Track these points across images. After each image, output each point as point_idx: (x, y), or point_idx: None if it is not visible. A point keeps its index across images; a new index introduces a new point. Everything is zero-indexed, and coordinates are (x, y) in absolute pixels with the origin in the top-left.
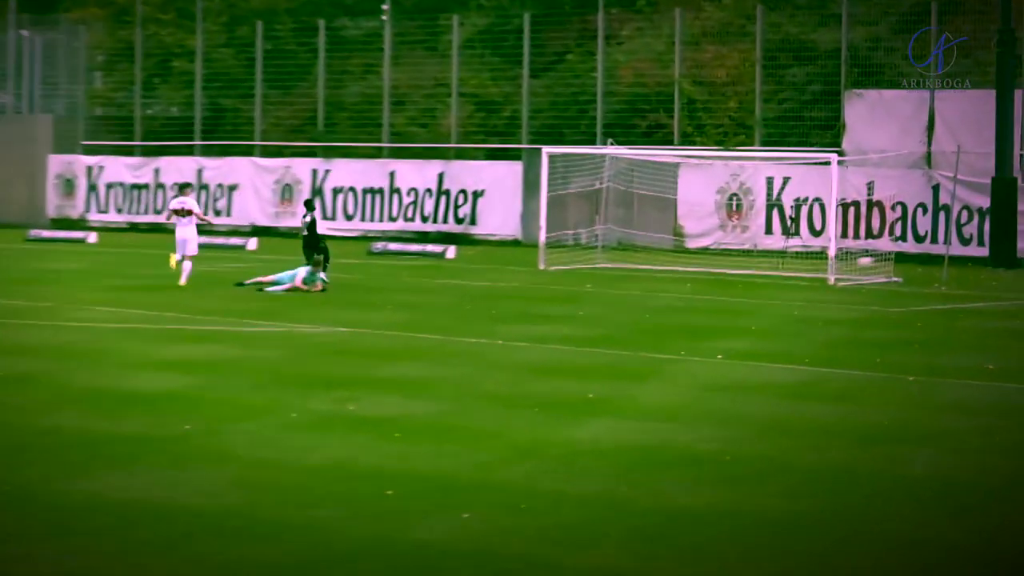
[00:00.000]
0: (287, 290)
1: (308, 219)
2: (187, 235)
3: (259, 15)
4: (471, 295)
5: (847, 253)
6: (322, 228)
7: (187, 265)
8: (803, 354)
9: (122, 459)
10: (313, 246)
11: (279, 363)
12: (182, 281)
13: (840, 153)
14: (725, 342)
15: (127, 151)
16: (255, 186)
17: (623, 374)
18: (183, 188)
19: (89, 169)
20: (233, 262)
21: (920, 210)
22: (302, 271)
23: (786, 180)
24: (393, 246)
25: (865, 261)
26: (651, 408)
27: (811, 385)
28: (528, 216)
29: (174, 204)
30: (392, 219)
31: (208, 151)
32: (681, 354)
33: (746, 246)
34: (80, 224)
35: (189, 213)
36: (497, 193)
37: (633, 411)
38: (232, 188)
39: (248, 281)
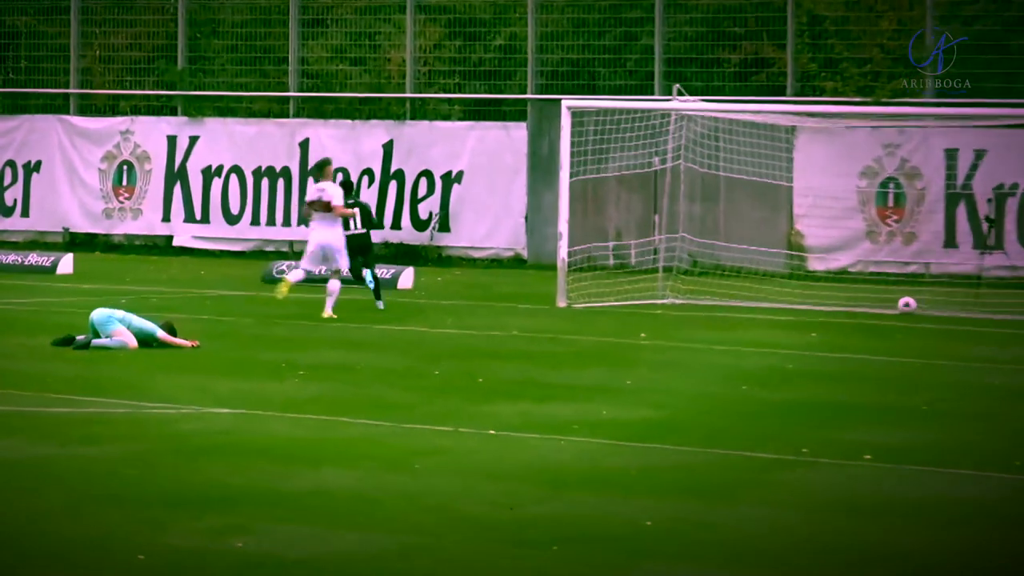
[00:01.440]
0: (123, 346)
1: (356, 209)
2: (329, 239)
3: None
4: (440, 352)
5: None
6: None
7: (334, 285)
8: (1013, 452)
9: None
10: (363, 251)
11: (117, 467)
12: (327, 311)
13: None
14: (876, 432)
15: None
16: (70, 164)
17: (700, 487)
18: (322, 167)
19: None
20: (34, 295)
21: None
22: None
23: (979, 155)
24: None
25: (906, 303)
26: (749, 545)
27: None
28: (537, 217)
29: (311, 194)
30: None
31: None
32: (802, 453)
33: (912, 267)
34: None
35: (328, 207)
36: (484, 177)
37: (717, 551)
38: (31, 169)
39: (90, 340)
